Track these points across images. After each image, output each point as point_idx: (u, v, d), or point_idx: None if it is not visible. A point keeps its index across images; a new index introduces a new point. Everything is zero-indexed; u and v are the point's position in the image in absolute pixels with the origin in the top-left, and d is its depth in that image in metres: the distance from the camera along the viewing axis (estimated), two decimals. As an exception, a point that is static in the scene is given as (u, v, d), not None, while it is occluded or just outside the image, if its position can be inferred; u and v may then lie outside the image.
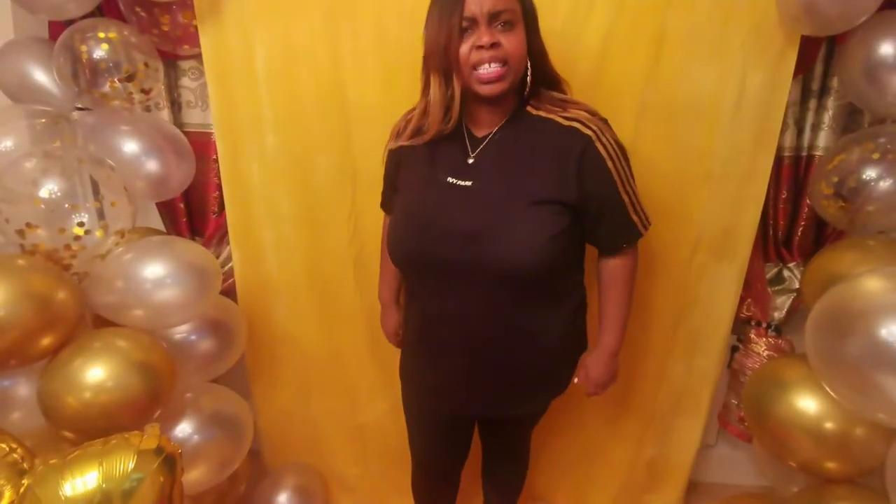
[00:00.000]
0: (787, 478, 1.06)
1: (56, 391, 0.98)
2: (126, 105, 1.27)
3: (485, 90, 0.87)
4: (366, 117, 1.31)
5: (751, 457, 1.58)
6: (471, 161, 0.95)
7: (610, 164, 0.90)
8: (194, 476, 1.16)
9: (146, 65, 1.25)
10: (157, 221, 1.54)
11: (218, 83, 1.34)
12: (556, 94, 0.96)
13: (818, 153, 1.34)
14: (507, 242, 0.88)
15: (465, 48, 0.85)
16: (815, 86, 1.31)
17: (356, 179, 1.37)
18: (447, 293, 0.96)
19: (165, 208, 1.52)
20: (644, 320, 1.42)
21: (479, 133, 0.96)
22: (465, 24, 0.84)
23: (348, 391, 1.52)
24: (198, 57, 1.39)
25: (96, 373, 1.00)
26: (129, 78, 1.21)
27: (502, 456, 1.30)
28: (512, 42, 0.85)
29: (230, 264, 1.50)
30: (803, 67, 1.26)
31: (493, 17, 0.83)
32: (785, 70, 1.17)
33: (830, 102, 1.31)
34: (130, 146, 1.26)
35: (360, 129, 1.33)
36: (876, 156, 1.09)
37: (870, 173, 1.10)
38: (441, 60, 0.86)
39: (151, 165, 1.28)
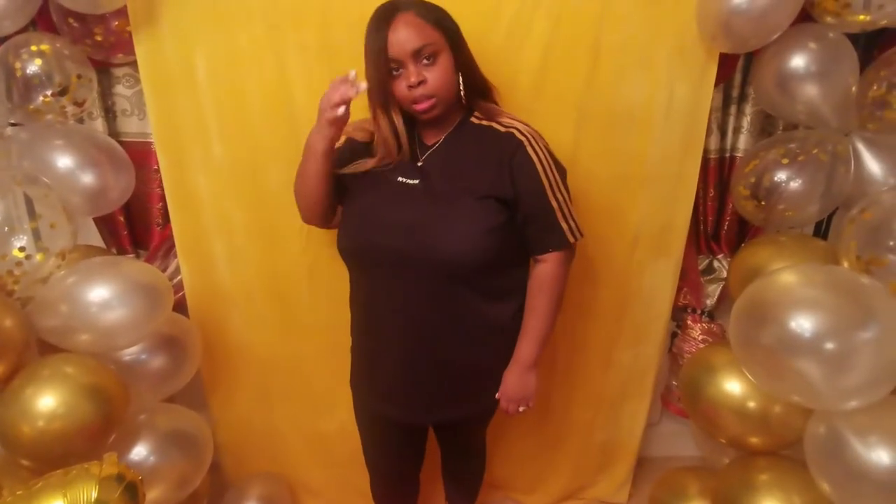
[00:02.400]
0: (719, 451, 1.20)
1: (11, 420, 0.98)
2: (59, 119, 1.23)
3: (423, 116, 0.98)
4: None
5: (690, 431, 1.75)
6: (419, 164, 1.04)
7: (539, 167, 0.97)
8: (153, 497, 1.16)
9: (79, 76, 1.22)
10: (95, 237, 1.49)
11: (155, 92, 1.32)
12: (498, 109, 1.06)
13: (739, 154, 1.48)
14: (445, 233, 0.97)
15: (399, 87, 0.95)
16: (735, 93, 1.45)
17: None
18: (390, 284, 1.03)
19: (104, 223, 1.48)
20: (591, 314, 1.54)
21: (429, 141, 1.05)
22: (393, 65, 0.94)
23: (309, 397, 1.55)
24: (132, 64, 1.36)
25: (48, 401, 1.00)
26: (63, 91, 1.19)
27: (459, 455, 1.37)
28: (437, 75, 0.94)
29: (178, 277, 1.48)
30: (724, 76, 1.39)
31: (416, 55, 0.93)
32: (707, 81, 1.29)
33: (748, 108, 1.45)
34: (65, 161, 1.23)
35: (309, 139, 1.35)
36: (786, 161, 1.23)
37: (781, 176, 1.24)
38: (381, 97, 0.97)
39: (87, 179, 1.25)
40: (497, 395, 1.09)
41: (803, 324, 0.90)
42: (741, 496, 1.06)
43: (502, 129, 1.00)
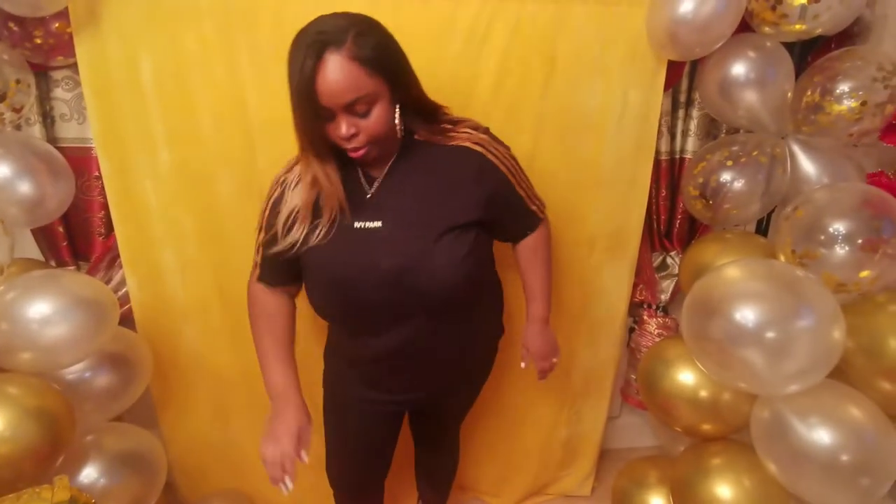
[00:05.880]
0: (675, 439, 1.29)
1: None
2: (-6, 126, 1.18)
3: (360, 161, 0.93)
4: (270, 131, 1.32)
5: (648, 423, 1.85)
6: (369, 196, 0.97)
7: (503, 168, 1.02)
8: (106, 521, 1.13)
9: (17, 81, 1.19)
10: (32, 249, 1.44)
11: (97, 96, 1.29)
12: (442, 119, 1.01)
13: (688, 156, 1.59)
14: (429, 273, 0.94)
15: (329, 130, 0.88)
16: (683, 97, 1.56)
17: (263, 195, 1.39)
18: (387, 330, 1.01)
19: (42, 234, 1.43)
20: (554, 316, 1.59)
21: (375, 172, 0.99)
22: (321, 110, 0.85)
23: (267, 408, 1.52)
24: (72, 66, 1.32)
25: (-9, 424, 0.96)
26: (1, 98, 1.15)
27: (434, 450, 1.42)
28: (371, 125, 0.87)
29: (124, 289, 1.45)
30: (672, 82, 1.50)
31: (348, 108, 0.85)
32: (657, 87, 1.38)
33: (695, 112, 1.57)
34: (2, 169, 1.18)
35: (264, 144, 1.34)
36: (730, 163, 1.33)
37: (725, 177, 1.34)
38: (312, 144, 0.90)
39: (25, 189, 1.20)
40: (523, 365, 1.22)
41: (747, 315, 0.98)
42: (696, 480, 1.14)
43: (451, 144, 0.98)
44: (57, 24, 1.22)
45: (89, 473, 1.14)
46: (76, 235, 1.46)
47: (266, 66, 1.28)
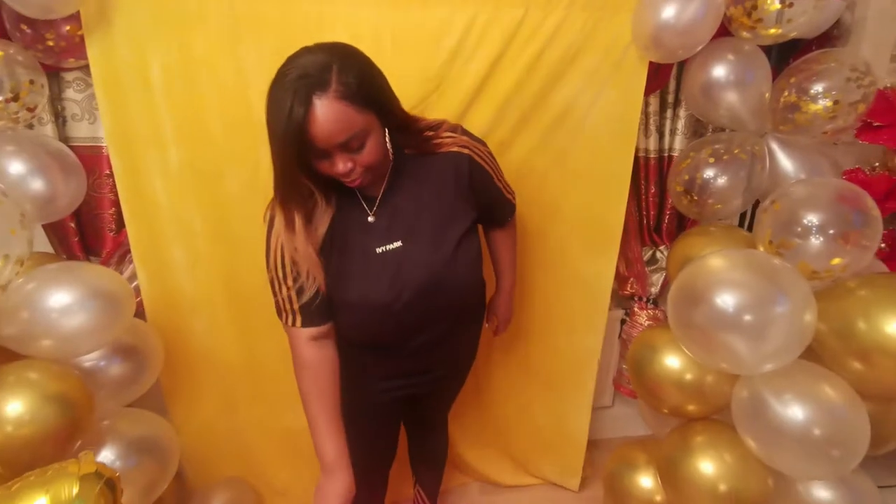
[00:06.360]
0: (663, 423, 1.36)
1: (-25, 429, 0.99)
2: (10, 125, 1.24)
3: (357, 187, 0.96)
4: None
5: (640, 412, 1.92)
6: (371, 220, 1.00)
7: (486, 166, 1.10)
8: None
9: (31, 82, 1.24)
10: (43, 243, 1.49)
11: (108, 97, 1.33)
12: (422, 129, 1.04)
13: (675, 154, 1.67)
14: (457, 282, 1.04)
15: (327, 168, 0.89)
16: (671, 98, 1.64)
17: (268, 193, 1.45)
18: (413, 340, 1.08)
19: (54, 229, 1.49)
20: (534, 303, 1.69)
21: (373, 192, 1.01)
22: (317, 152, 0.86)
23: (275, 398, 1.60)
24: (83, 68, 1.38)
25: (14, 407, 1.02)
26: (15, 97, 1.20)
27: (432, 430, 1.51)
28: (366, 156, 0.89)
29: (134, 283, 1.50)
30: (660, 84, 1.57)
31: (343, 146, 0.86)
32: (637, 88, 1.45)
33: (682, 112, 1.64)
34: (16, 167, 1.23)
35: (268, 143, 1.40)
36: (712, 160, 1.40)
37: (709, 173, 1.41)
38: (293, 190, 0.91)
39: (38, 186, 1.26)
40: (486, 325, 1.37)
41: (727, 301, 1.06)
42: (681, 457, 1.22)
43: (441, 151, 1.04)
44: (68, 27, 1.27)
45: (106, 456, 1.19)
46: (87, 231, 1.51)
47: (271, 67, 1.30)
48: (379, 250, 0.99)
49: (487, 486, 1.89)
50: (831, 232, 1.10)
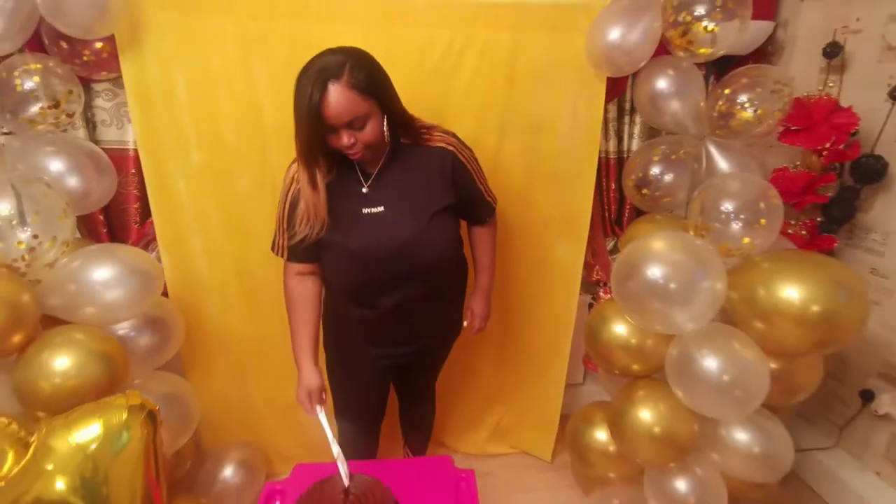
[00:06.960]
0: (616, 384, 1.57)
1: (30, 379, 1.20)
2: (50, 129, 1.45)
3: (358, 161, 1.20)
4: (281, 135, 1.54)
5: (606, 388, 2.13)
6: (365, 191, 1.23)
7: (468, 166, 1.32)
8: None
9: (70, 92, 1.44)
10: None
11: (139, 107, 1.55)
12: (418, 126, 1.27)
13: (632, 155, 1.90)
14: (427, 247, 1.23)
15: (332, 140, 1.13)
16: (627, 106, 1.88)
17: (274, 193, 1.65)
18: (390, 293, 1.27)
19: (84, 220, 1.70)
20: (512, 287, 1.90)
21: (370, 169, 1.24)
22: (328, 129, 1.10)
23: (280, 372, 1.77)
24: (112, 80, 1.61)
25: (63, 362, 1.22)
26: (56, 105, 1.40)
27: (421, 397, 1.72)
28: (367, 135, 1.12)
29: (158, 269, 1.71)
30: (618, 93, 1.81)
31: (348, 125, 1.09)
32: (598, 97, 1.68)
33: (638, 118, 1.88)
34: (56, 165, 1.44)
35: (276, 146, 1.61)
36: (657, 158, 1.63)
37: (656, 171, 1.64)
38: (310, 155, 1.14)
39: (73, 182, 1.46)
40: (465, 324, 1.52)
41: (656, 272, 1.28)
42: (625, 409, 1.43)
43: (430, 145, 1.25)
44: (100, 45, 1.48)
45: (137, 410, 1.40)
46: (114, 223, 1.73)
47: (279, 80, 1.53)
48: (365, 211, 1.22)
49: (468, 455, 2.10)
50: (742, 217, 1.33)
